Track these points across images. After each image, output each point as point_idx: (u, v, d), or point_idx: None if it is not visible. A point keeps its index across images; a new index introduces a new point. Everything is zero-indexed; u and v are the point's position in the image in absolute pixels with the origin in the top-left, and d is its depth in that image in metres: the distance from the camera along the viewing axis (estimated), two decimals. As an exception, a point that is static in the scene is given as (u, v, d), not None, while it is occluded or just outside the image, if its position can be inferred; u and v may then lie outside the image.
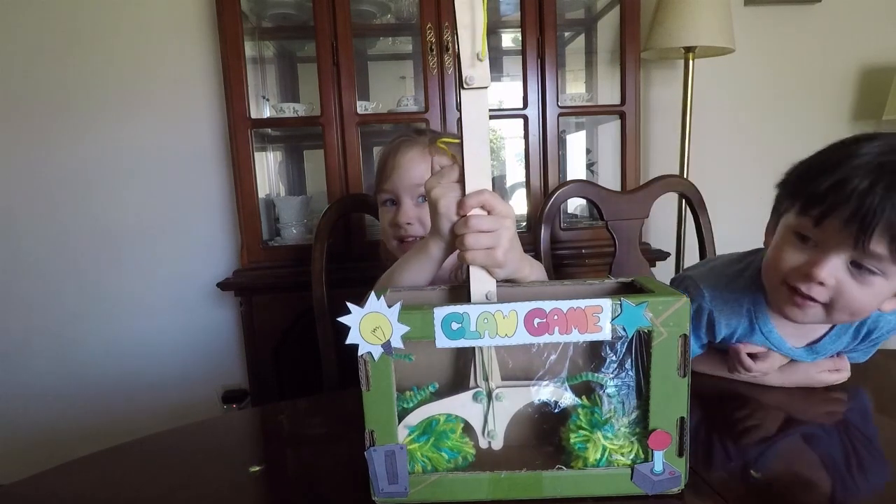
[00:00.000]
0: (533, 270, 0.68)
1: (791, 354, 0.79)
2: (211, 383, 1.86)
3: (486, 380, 0.55)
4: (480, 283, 0.56)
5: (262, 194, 1.66)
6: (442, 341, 0.51)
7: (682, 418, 0.53)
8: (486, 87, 0.51)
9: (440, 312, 0.50)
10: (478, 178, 0.55)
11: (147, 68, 1.75)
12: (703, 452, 0.62)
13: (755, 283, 0.77)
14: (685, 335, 0.51)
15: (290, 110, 1.62)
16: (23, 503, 0.59)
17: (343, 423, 0.75)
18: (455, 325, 0.51)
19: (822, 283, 0.65)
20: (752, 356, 0.78)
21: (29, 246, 1.80)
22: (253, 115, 1.58)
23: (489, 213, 0.56)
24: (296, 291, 1.53)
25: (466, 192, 0.56)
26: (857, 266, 0.64)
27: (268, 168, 1.90)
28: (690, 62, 1.69)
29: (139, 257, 1.84)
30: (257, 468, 0.62)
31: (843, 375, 0.77)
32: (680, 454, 0.54)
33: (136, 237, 1.83)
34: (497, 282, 0.57)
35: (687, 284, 0.81)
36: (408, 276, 0.72)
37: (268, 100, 1.82)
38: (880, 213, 0.60)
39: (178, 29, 1.75)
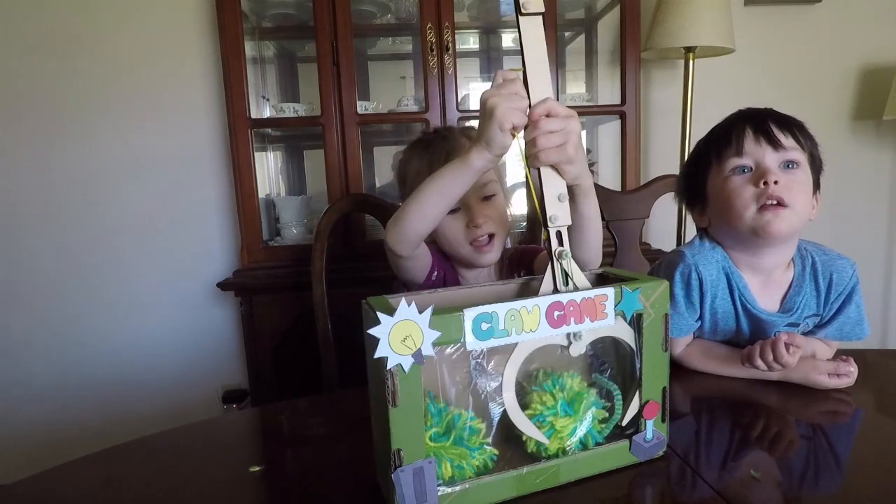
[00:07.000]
0: (592, 195, 0.70)
1: (765, 318, 0.83)
2: (211, 383, 1.86)
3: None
4: (552, 185, 0.57)
5: (262, 194, 1.66)
6: (472, 343, 0.50)
7: (664, 388, 0.59)
8: (541, 13, 0.56)
9: (470, 314, 0.49)
10: (541, 93, 0.58)
11: (147, 68, 1.75)
12: (703, 453, 0.62)
13: (716, 243, 0.87)
14: (666, 314, 0.58)
15: (290, 110, 1.62)
16: (23, 503, 0.59)
17: (343, 423, 0.75)
18: (485, 326, 0.50)
19: (776, 182, 0.76)
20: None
21: (29, 246, 1.80)
22: (253, 115, 1.58)
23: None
24: (296, 291, 1.52)
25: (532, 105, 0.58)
26: (782, 167, 0.78)
27: (268, 168, 1.89)
28: (690, 62, 1.69)
29: (139, 257, 1.84)
30: (257, 468, 0.62)
31: (844, 381, 0.77)
32: (663, 419, 0.59)
33: (136, 237, 1.83)
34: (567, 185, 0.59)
35: (674, 254, 0.91)
36: (443, 184, 0.71)
37: (268, 100, 1.82)
38: (767, 117, 0.80)
39: (178, 29, 1.75)
